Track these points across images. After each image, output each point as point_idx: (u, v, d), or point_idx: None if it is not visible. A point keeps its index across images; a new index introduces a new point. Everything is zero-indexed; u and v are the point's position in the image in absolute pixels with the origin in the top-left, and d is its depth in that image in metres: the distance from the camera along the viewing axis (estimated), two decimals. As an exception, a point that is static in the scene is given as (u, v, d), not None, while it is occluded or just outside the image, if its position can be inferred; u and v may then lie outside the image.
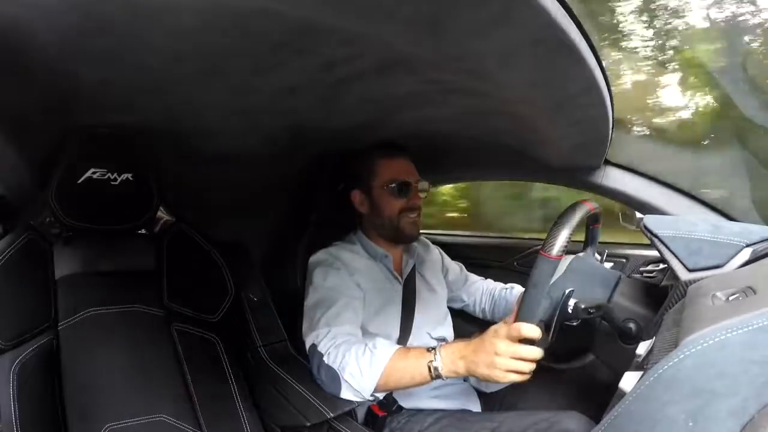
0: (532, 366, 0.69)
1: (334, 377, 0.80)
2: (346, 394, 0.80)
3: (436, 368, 0.74)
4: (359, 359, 0.78)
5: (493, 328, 0.71)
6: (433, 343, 0.85)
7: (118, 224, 0.90)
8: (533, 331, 0.67)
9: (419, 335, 0.99)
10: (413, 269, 1.06)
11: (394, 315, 0.98)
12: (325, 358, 0.81)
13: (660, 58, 1.33)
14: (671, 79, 1.36)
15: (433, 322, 1.04)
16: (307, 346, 0.86)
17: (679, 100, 1.38)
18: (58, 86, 0.68)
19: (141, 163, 0.90)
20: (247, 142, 0.98)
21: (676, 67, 1.32)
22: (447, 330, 1.08)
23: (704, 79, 1.29)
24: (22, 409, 0.73)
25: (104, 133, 0.86)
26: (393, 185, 0.98)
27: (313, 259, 1.00)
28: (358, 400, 0.80)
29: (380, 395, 0.84)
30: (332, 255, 0.98)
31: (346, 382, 0.78)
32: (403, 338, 0.96)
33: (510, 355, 0.68)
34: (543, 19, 0.41)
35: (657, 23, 1.27)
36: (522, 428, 0.80)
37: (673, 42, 1.27)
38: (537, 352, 0.68)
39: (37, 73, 0.63)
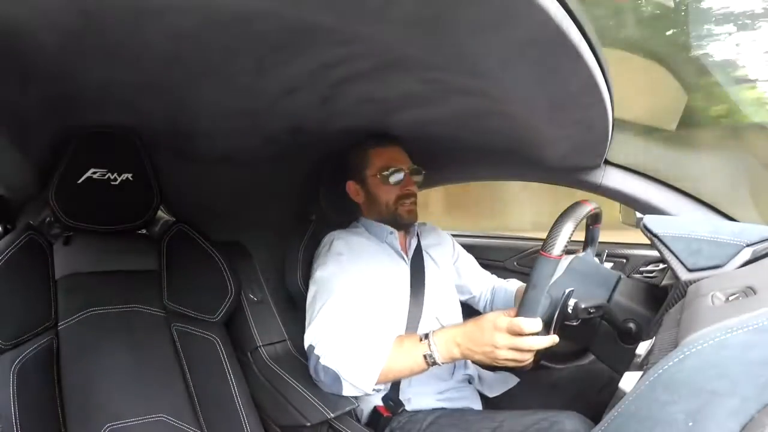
0: (530, 356, 0.70)
1: (334, 378, 0.80)
2: (348, 392, 0.81)
3: (431, 356, 0.76)
4: (356, 357, 0.79)
5: (491, 317, 0.72)
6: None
7: (118, 224, 0.90)
8: (534, 326, 0.67)
9: (428, 320, 0.97)
10: (419, 248, 1.06)
11: (402, 296, 0.97)
12: (322, 360, 0.81)
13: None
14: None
15: (442, 303, 1.03)
16: (306, 346, 0.86)
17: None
18: (58, 86, 0.68)
19: (141, 163, 0.90)
20: (247, 142, 0.98)
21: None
22: (455, 313, 1.06)
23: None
24: (22, 409, 0.73)
25: (104, 133, 0.86)
26: (386, 172, 0.99)
27: (317, 250, 1.00)
28: (361, 395, 0.82)
29: (382, 387, 0.84)
30: (334, 241, 0.98)
31: (347, 380, 0.79)
32: (412, 320, 0.95)
33: (508, 347, 0.69)
34: (542, 18, 0.41)
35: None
36: (522, 428, 0.80)
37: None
38: (537, 342, 0.68)
39: (37, 73, 0.63)
